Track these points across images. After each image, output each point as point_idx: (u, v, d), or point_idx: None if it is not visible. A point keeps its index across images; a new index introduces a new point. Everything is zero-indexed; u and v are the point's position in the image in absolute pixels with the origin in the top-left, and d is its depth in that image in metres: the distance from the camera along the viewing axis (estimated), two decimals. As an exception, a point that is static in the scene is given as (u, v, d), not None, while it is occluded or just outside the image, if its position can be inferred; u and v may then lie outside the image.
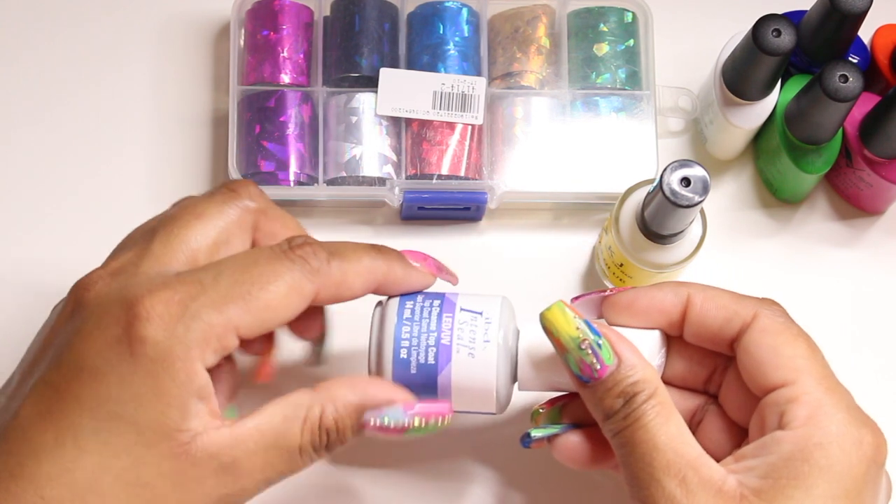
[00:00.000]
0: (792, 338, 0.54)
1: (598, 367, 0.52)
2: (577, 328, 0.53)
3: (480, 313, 0.56)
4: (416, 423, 0.53)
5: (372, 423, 0.52)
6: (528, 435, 0.57)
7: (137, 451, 0.47)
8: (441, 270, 0.58)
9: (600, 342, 0.52)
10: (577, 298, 0.58)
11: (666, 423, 0.51)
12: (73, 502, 0.47)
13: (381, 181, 0.68)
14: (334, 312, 0.58)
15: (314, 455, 0.51)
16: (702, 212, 0.64)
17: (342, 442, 0.52)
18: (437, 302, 0.56)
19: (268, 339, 0.56)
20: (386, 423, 0.52)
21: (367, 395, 0.52)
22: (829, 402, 0.51)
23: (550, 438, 0.57)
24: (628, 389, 0.52)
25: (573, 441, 0.56)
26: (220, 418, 0.50)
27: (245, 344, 0.52)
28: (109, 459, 0.47)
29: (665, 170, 0.59)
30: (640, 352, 0.53)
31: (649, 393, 0.52)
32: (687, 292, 0.55)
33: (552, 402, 0.58)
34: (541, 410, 0.58)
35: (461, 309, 0.56)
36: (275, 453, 0.50)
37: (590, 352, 0.52)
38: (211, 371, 0.50)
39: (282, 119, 0.68)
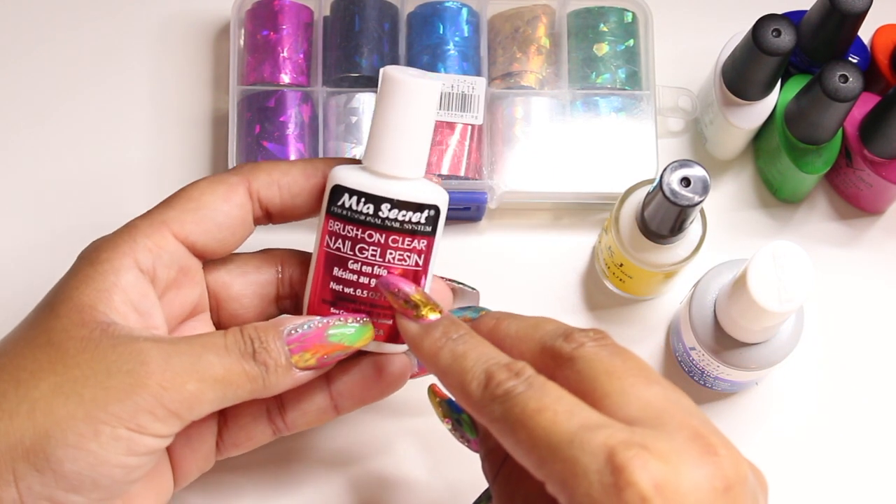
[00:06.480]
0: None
1: (468, 442, 0.56)
2: (444, 416, 0.57)
3: None
4: (335, 321, 0.52)
5: (292, 334, 0.51)
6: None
7: (49, 322, 0.49)
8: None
9: (461, 419, 0.56)
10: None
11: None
12: None
13: (381, 181, 0.68)
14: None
15: (243, 361, 0.50)
16: (702, 212, 0.64)
17: (270, 356, 0.50)
18: None
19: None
20: (305, 328, 0.52)
21: (285, 317, 0.53)
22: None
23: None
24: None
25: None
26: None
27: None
28: (25, 331, 0.50)
29: (665, 170, 0.59)
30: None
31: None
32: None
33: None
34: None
35: None
36: (200, 348, 0.49)
37: (458, 434, 0.57)
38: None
39: (282, 119, 0.68)
